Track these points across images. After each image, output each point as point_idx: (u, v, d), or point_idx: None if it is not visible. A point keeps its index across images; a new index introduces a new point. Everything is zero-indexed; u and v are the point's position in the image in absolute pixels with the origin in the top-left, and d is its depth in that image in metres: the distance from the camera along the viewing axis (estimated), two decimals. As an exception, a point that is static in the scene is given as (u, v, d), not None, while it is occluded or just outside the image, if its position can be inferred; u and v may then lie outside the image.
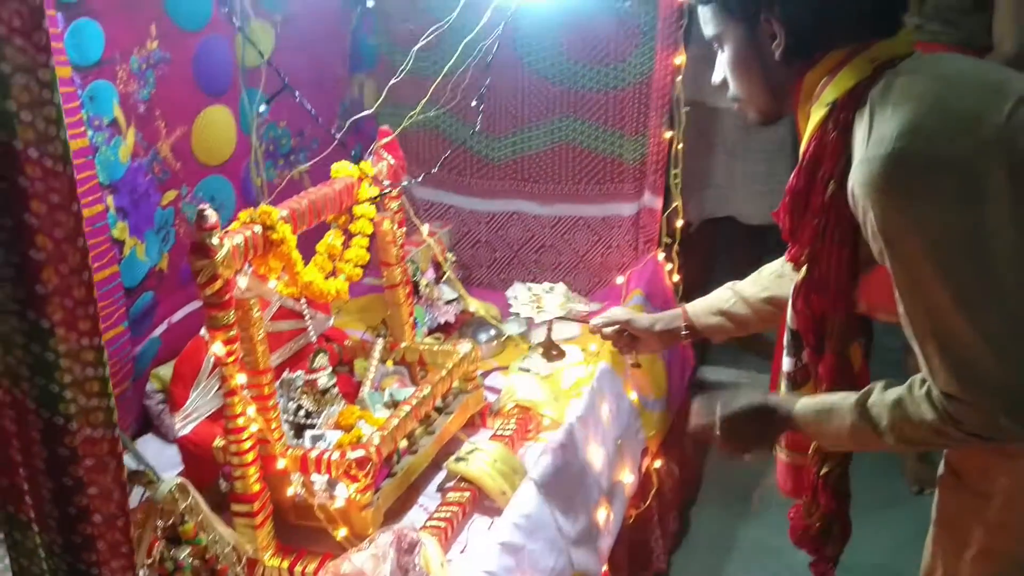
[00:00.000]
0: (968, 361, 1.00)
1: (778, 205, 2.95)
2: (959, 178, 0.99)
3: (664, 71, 2.10)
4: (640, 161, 2.21)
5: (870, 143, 1.02)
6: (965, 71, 1.11)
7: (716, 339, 1.72)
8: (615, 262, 2.30)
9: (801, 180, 1.16)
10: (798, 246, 1.20)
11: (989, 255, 0.99)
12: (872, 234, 1.04)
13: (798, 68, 1.15)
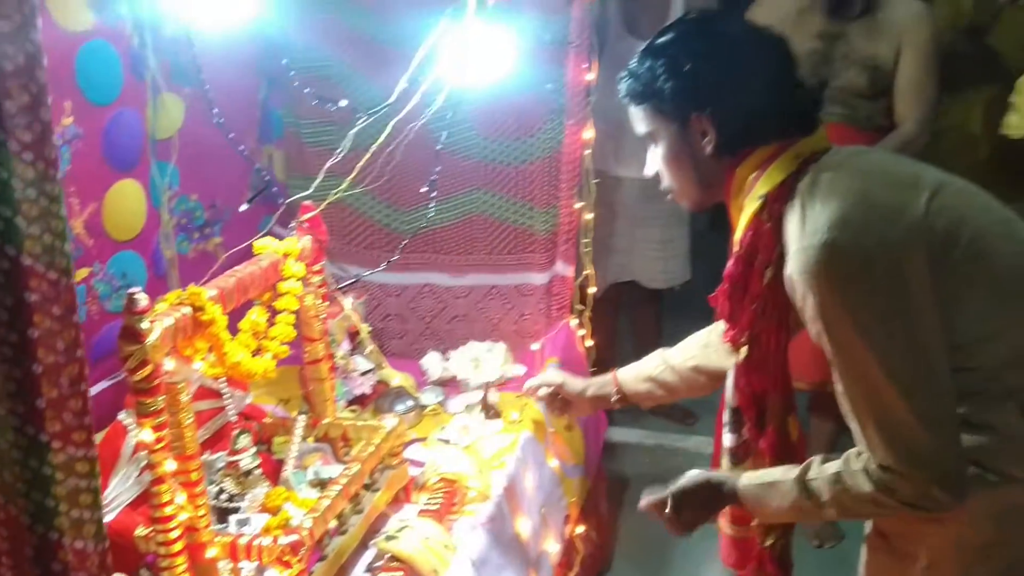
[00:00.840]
0: (902, 436, 1.07)
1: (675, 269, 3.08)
2: (887, 265, 1.07)
3: (573, 145, 2.17)
4: (551, 231, 2.25)
5: (805, 234, 1.10)
6: (882, 166, 1.21)
7: (645, 405, 1.77)
8: (529, 330, 2.32)
9: (739, 267, 1.22)
10: (737, 328, 1.26)
11: (916, 335, 1.08)
12: (811, 318, 1.11)
13: (728, 163, 1.23)
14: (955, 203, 1.14)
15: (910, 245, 1.08)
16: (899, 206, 1.11)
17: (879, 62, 2.35)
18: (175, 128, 1.82)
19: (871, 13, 2.36)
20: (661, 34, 1.28)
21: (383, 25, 2.07)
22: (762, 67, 1.21)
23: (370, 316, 2.41)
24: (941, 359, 1.09)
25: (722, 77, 1.20)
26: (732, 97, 1.20)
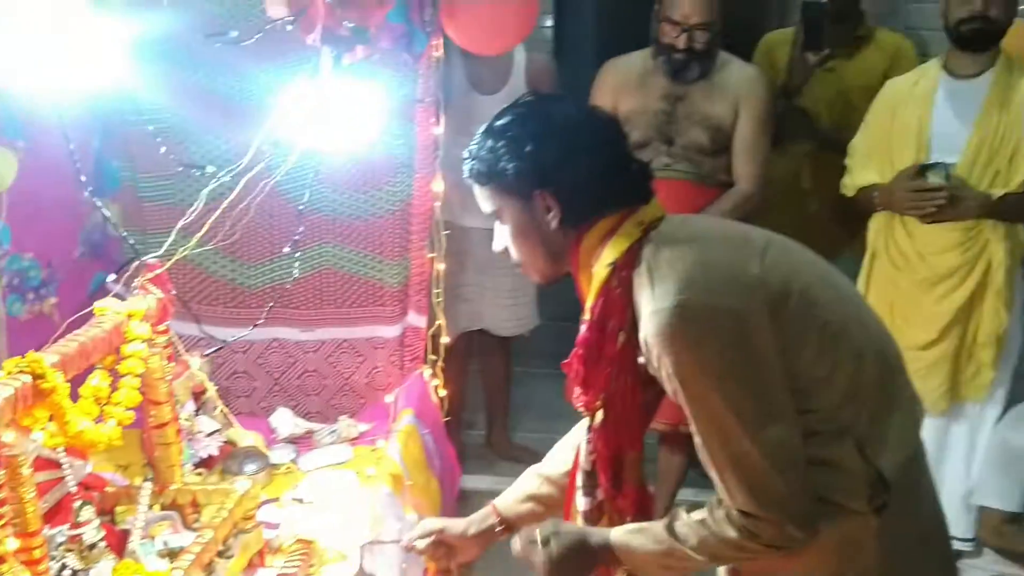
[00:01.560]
0: (758, 481, 1.15)
1: (524, 316, 3.13)
2: (732, 322, 1.15)
3: (423, 197, 2.20)
4: (403, 283, 2.27)
5: (655, 298, 1.17)
6: (714, 230, 1.32)
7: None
8: (382, 382, 2.32)
9: (593, 334, 1.28)
10: (592, 392, 1.31)
11: (764, 384, 1.16)
12: (667, 377, 1.18)
13: (574, 236, 1.29)
14: (783, 259, 1.25)
15: (751, 302, 1.17)
16: (737, 266, 1.20)
17: (719, 122, 2.52)
18: (6, 184, 1.72)
19: (709, 76, 2.51)
20: (499, 116, 1.33)
21: (230, 80, 2.05)
22: (597, 144, 1.29)
23: (216, 374, 2.34)
24: (787, 405, 1.18)
25: (561, 156, 1.26)
26: (572, 174, 1.26)
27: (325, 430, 2.13)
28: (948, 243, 2.38)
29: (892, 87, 2.47)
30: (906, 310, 2.44)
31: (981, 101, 2.32)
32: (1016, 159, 2.32)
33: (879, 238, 2.49)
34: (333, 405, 2.32)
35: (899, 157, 2.40)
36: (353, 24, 1.59)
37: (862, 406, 1.21)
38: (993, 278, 2.38)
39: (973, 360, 2.45)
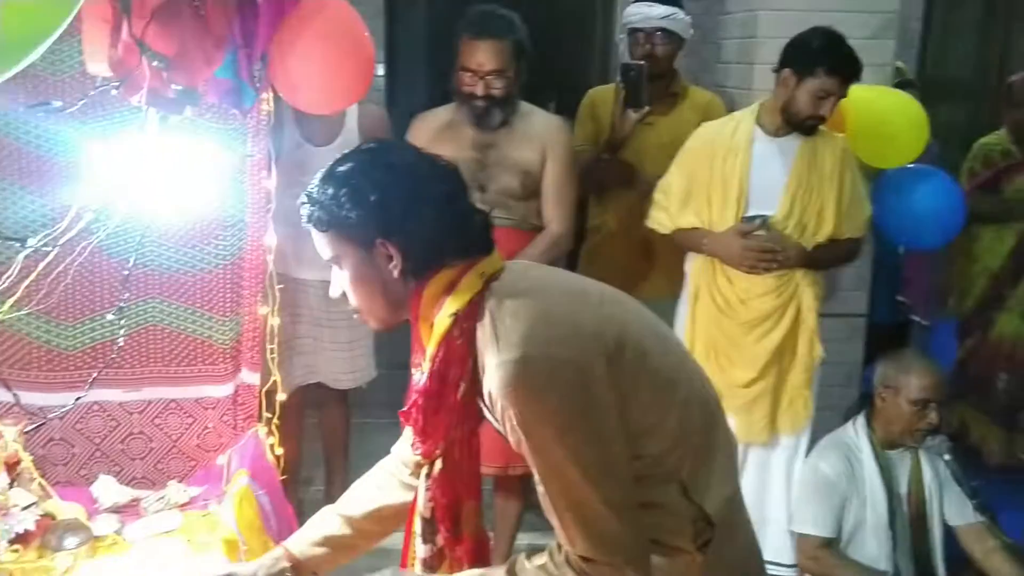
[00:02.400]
0: (598, 527, 1.20)
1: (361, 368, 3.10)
2: (574, 373, 1.19)
3: (255, 250, 2.16)
4: (234, 340, 2.21)
5: (499, 350, 1.20)
6: (554, 282, 1.36)
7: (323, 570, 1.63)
8: (213, 443, 2.23)
9: (434, 384, 1.29)
10: (431, 441, 1.32)
11: (602, 434, 1.21)
12: (511, 428, 1.20)
13: (415, 285, 1.30)
14: (617, 311, 1.31)
15: (591, 353, 1.22)
16: (577, 318, 1.25)
17: (528, 167, 2.61)
18: None
19: (512, 124, 2.61)
20: (341, 162, 1.33)
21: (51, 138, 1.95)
22: (441, 194, 1.31)
23: (30, 442, 2.18)
24: (623, 452, 1.23)
25: (404, 205, 1.28)
26: (415, 223, 1.28)
27: (152, 496, 2.03)
28: (764, 289, 2.56)
29: (709, 133, 2.62)
30: (729, 351, 2.60)
31: (792, 159, 2.52)
32: (823, 214, 2.55)
33: (701, 280, 2.64)
34: (161, 469, 2.21)
35: (718, 205, 2.56)
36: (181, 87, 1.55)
37: (687, 451, 1.28)
38: (804, 319, 2.59)
39: (788, 395, 2.64)
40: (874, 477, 2.47)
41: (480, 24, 2.51)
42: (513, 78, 2.55)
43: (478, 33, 2.50)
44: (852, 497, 2.47)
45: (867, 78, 2.92)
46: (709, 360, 2.62)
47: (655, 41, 2.93)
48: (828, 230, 2.55)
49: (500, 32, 2.50)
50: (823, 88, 2.42)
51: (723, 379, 2.60)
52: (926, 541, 2.51)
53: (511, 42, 2.52)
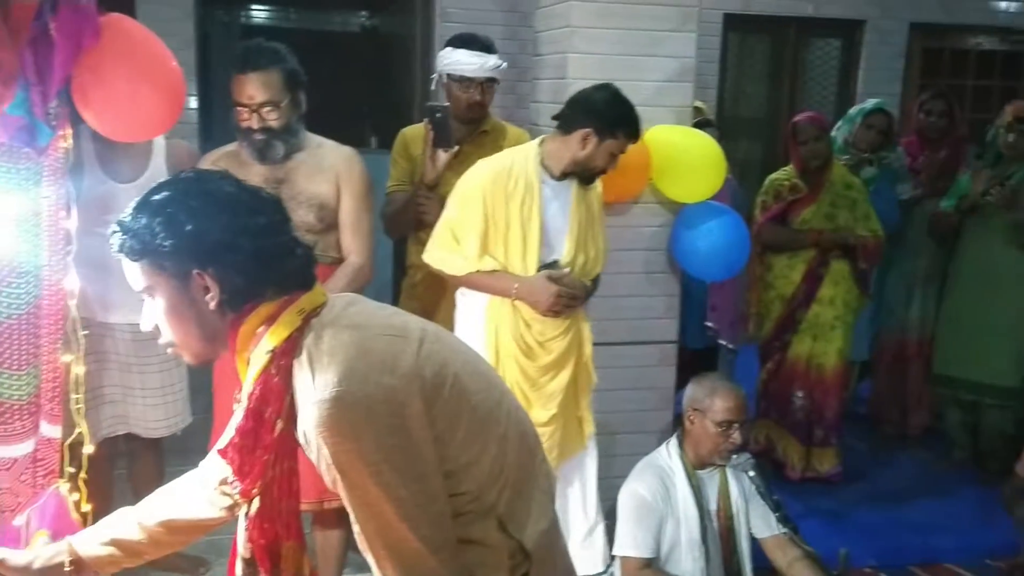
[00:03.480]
0: (415, 565, 1.20)
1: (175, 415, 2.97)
2: (389, 412, 1.20)
3: (54, 296, 2.03)
4: (32, 394, 2.06)
5: (315, 388, 1.18)
6: (375, 318, 1.35)
7: (106, 571, 1.57)
8: (10, 503, 2.06)
9: (250, 421, 1.26)
10: (249, 480, 1.28)
11: (419, 472, 1.22)
12: (326, 467, 1.19)
13: (233, 319, 1.27)
14: (437, 348, 1.32)
15: (408, 391, 1.23)
16: (395, 355, 1.25)
17: (323, 200, 2.59)
18: None
19: (303, 157, 2.59)
20: (156, 191, 1.29)
21: None
22: (260, 226, 1.28)
23: None
24: (440, 490, 1.24)
25: (223, 236, 1.24)
26: (233, 255, 1.24)
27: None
28: (557, 331, 2.65)
29: (496, 174, 2.58)
30: (529, 392, 2.67)
31: (570, 200, 2.63)
32: (597, 254, 2.71)
33: (499, 321, 2.63)
34: (-52, 534, 2.03)
35: (515, 248, 2.58)
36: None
37: (505, 486, 1.31)
38: (584, 352, 2.74)
39: (577, 422, 2.76)
40: (687, 496, 2.60)
41: (246, 58, 2.49)
42: (288, 108, 2.53)
43: (244, 67, 2.48)
44: (668, 517, 2.58)
45: (668, 119, 3.13)
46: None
47: (483, 90, 3.00)
48: (599, 267, 2.72)
49: (266, 64, 2.49)
50: (620, 148, 2.57)
51: None
52: (736, 554, 2.67)
53: (280, 72, 2.50)
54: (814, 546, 2.79)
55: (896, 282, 4.39)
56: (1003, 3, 6.32)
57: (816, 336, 3.87)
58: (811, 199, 3.86)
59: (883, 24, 6.15)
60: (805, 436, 3.93)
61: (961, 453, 4.23)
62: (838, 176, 3.89)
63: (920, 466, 4.24)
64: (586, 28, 3.05)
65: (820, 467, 3.93)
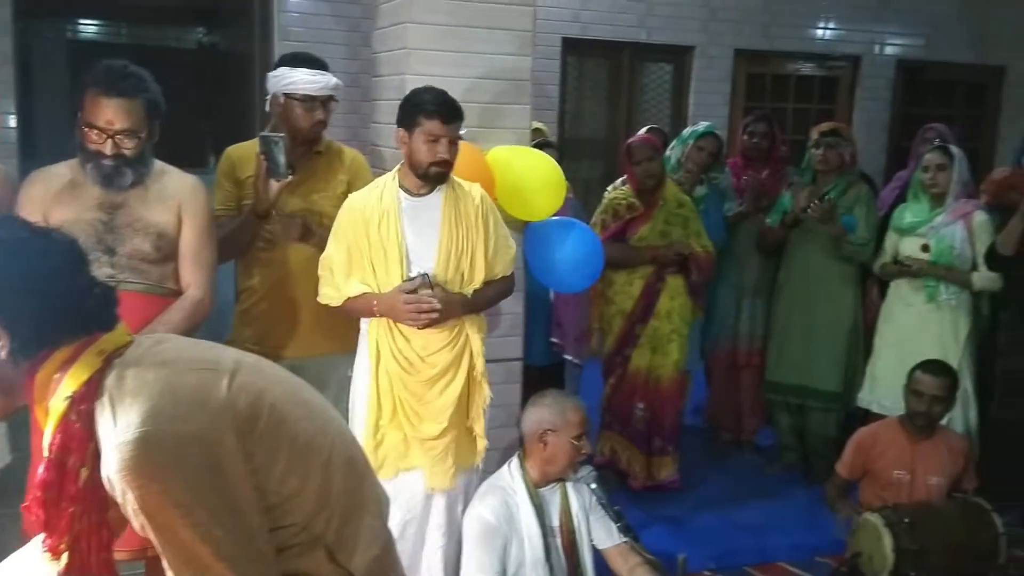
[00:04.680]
0: None
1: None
2: (200, 449, 1.15)
3: None
4: None
5: (117, 431, 1.13)
6: (183, 353, 1.29)
7: None
8: None
9: (51, 473, 1.19)
10: (56, 536, 1.21)
11: (236, 508, 1.18)
12: (133, 512, 1.14)
13: (27, 367, 1.20)
14: (252, 379, 1.29)
15: (219, 426, 1.19)
16: (205, 391, 1.21)
17: (162, 229, 2.49)
18: None
19: (145, 183, 2.48)
20: None
21: None
22: (52, 270, 1.22)
23: None
24: (260, 525, 1.20)
25: (10, 283, 1.18)
26: (23, 302, 1.19)
27: None
28: (440, 344, 2.66)
29: (358, 202, 2.69)
30: (416, 407, 2.66)
31: (439, 215, 2.65)
32: (475, 260, 2.70)
33: (380, 340, 2.67)
34: None
35: (381, 268, 2.62)
36: None
37: (332, 514, 1.29)
38: (475, 365, 2.73)
39: (470, 436, 2.76)
40: (529, 516, 2.64)
41: (110, 81, 2.36)
42: (145, 137, 2.43)
43: (108, 90, 2.35)
44: (512, 538, 2.61)
45: (507, 140, 3.19)
46: (397, 417, 2.68)
47: (326, 108, 2.96)
48: (482, 275, 2.71)
49: (132, 91, 2.37)
50: (429, 132, 2.58)
51: (414, 434, 2.68)
52: (579, 567, 2.72)
53: (144, 101, 2.40)
54: (655, 553, 2.90)
55: (726, 295, 4.61)
56: (819, 31, 6.79)
57: (655, 349, 4.01)
58: (646, 217, 4.01)
59: (710, 50, 6.50)
60: (645, 446, 4.06)
61: (791, 456, 4.48)
62: (671, 195, 4.05)
63: (754, 470, 4.47)
64: (423, 50, 3.06)
65: (659, 475, 4.06)
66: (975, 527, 3.13)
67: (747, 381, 4.64)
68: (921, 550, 2.99)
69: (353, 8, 5.50)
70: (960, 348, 3.83)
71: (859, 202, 4.16)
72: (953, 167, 3.85)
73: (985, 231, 3.82)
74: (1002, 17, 6.98)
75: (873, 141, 6.85)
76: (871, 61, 6.92)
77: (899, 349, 3.88)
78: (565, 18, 6.09)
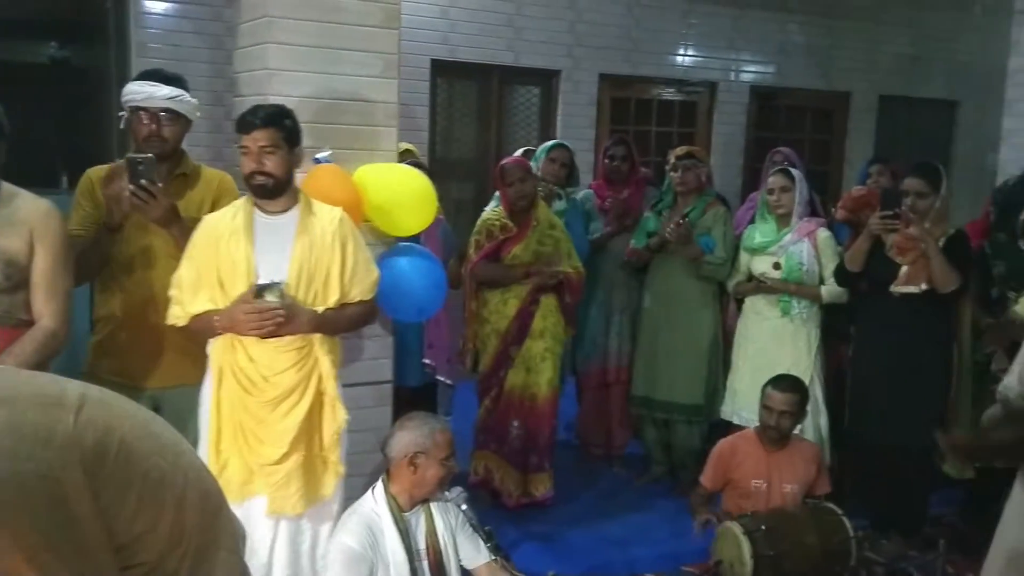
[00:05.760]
0: None
1: None
2: (45, 488, 1.09)
3: None
4: None
5: None
6: (24, 387, 1.22)
7: None
8: None
9: None
10: None
11: (84, 548, 1.12)
12: None
13: None
14: (100, 414, 1.23)
15: (66, 464, 1.13)
16: (49, 427, 1.14)
17: (12, 256, 2.38)
18: None
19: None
20: None
21: None
22: None
23: None
24: (110, 566, 1.15)
25: None
26: None
27: None
28: (286, 364, 2.61)
29: (211, 222, 2.66)
30: (257, 429, 2.60)
31: (292, 233, 2.63)
32: (329, 280, 2.67)
33: (223, 362, 2.62)
34: None
35: (231, 286, 2.58)
36: None
37: (186, 552, 1.24)
38: (326, 388, 2.68)
39: (322, 463, 2.70)
40: (395, 541, 2.61)
41: None
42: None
43: None
44: (378, 564, 2.58)
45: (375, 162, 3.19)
46: (238, 441, 2.60)
47: (160, 121, 2.85)
48: (336, 295, 2.68)
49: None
50: (242, 145, 2.59)
51: (254, 458, 2.60)
52: (448, 588, 2.72)
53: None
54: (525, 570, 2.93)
55: (596, 314, 4.72)
56: (678, 58, 7.07)
57: (529, 368, 4.07)
58: (520, 237, 4.08)
59: (575, 74, 6.67)
60: (521, 464, 4.11)
61: (659, 468, 4.61)
62: (543, 216, 4.14)
63: (624, 483, 4.58)
64: (286, 71, 3.03)
65: (535, 492, 4.11)
66: (827, 531, 3.30)
67: (616, 397, 4.75)
68: (777, 555, 3.14)
69: (216, 25, 5.38)
70: (812, 359, 4.06)
71: (716, 222, 4.34)
72: (796, 188, 4.08)
73: (829, 247, 4.07)
74: (845, 46, 7.45)
75: (730, 164, 7.18)
76: (727, 87, 7.25)
77: (756, 362, 4.07)
78: (434, 40, 6.13)
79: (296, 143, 2.65)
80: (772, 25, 7.23)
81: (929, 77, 7.71)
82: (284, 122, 2.61)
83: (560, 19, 6.54)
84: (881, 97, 7.72)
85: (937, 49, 7.65)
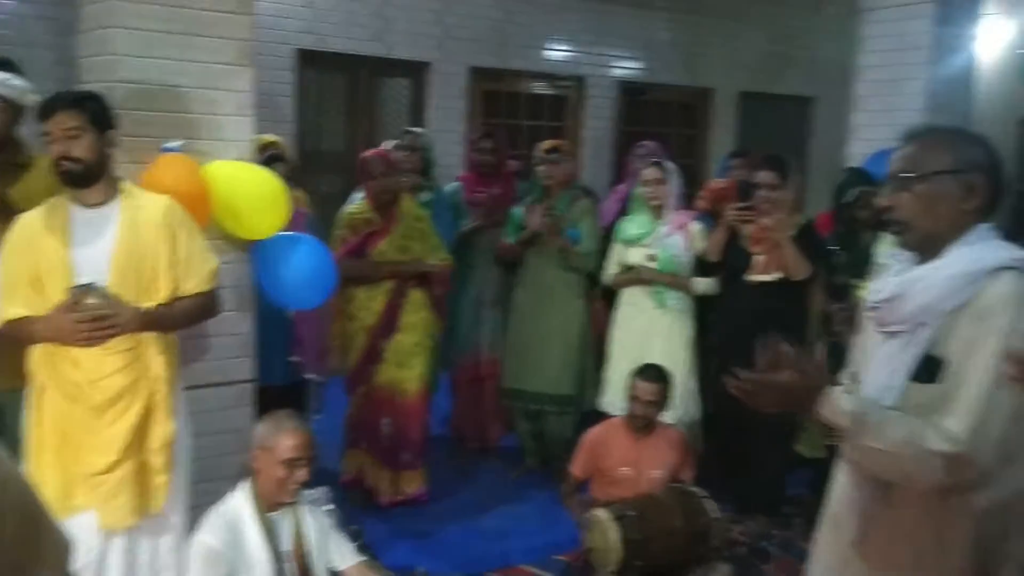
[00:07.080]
0: None
1: None
2: None
3: None
4: None
5: None
6: None
7: None
8: None
9: None
10: None
11: None
12: None
13: None
14: None
15: None
16: None
17: None
18: None
19: None
20: None
21: None
22: None
23: None
24: None
25: None
26: None
27: None
28: (113, 367, 2.46)
29: (26, 221, 2.50)
30: (83, 438, 2.46)
31: (115, 226, 2.48)
32: (157, 274, 2.53)
33: (44, 372, 2.47)
34: None
35: (50, 286, 2.43)
36: None
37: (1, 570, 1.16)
38: (157, 390, 2.54)
39: (153, 470, 2.57)
40: (257, 541, 2.51)
41: None
42: None
43: None
44: (239, 565, 2.48)
45: (228, 153, 3.06)
46: (63, 452, 2.46)
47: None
48: (168, 289, 2.54)
49: None
50: (47, 131, 2.43)
51: (80, 469, 2.46)
52: (314, 591, 2.63)
53: None
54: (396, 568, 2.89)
55: (467, 307, 4.71)
56: (548, 52, 7.12)
57: (399, 363, 4.01)
58: (385, 232, 4.01)
59: (445, 67, 6.63)
60: (392, 461, 4.05)
61: (532, 460, 4.64)
62: (408, 209, 4.08)
63: (498, 476, 4.58)
64: (133, 57, 2.87)
65: (408, 489, 4.07)
66: (692, 514, 3.38)
67: (490, 390, 4.75)
68: (645, 539, 3.19)
69: (63, 10, 5.08)
70: (685, 348, 4.15)
71: (583, 215, 4.39)
72: (670, 181, 4.16)
73: (702, 238, 4.17)
74: (708, 42, 7.67)
75: (599, 157, 7.29)
76: (596, 82, 7.35)
77: (631, 352, 4.12)
78: (300, 29, 5.97)
79: (106, 127, 2.47)
80: (639, 21, 7.38)
81: (788, 74, 8.03)
82: (88, 103, 2.45)
83: (428, 10, 6.48)
84: (742, 93, 8.00)
85: (795, 47, 7.97)
